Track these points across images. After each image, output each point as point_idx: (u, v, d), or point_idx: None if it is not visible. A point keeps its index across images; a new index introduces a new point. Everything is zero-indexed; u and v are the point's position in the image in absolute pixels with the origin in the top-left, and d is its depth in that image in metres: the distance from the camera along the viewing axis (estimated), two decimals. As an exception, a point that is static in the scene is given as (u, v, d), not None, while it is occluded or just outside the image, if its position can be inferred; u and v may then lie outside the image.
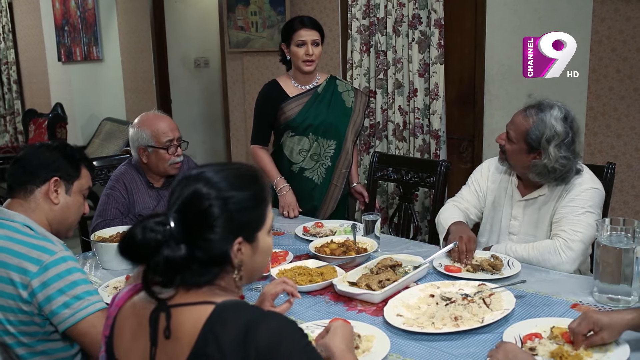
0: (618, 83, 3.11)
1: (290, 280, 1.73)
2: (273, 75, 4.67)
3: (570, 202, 2.20)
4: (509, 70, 3.47)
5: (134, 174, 2.68)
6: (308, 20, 2.89)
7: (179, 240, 1.13)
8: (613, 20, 3.07)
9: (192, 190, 1.17)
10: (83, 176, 1.86)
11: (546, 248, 2.15)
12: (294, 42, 2.86)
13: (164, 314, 1.15)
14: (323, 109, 2.95)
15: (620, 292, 1.81)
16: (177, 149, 2.63)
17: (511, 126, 2.25)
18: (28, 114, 7.09)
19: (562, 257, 2.11)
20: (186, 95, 6.30)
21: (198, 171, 1.21)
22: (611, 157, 3.13)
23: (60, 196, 1.80)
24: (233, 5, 4.78)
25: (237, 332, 1.09)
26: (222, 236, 1.16)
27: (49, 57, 7.27)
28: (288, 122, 2.93)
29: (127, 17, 6.10)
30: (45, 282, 1.61)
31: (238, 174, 1.23)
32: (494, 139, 3.58)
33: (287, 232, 2.68)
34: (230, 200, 1.18)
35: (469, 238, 2.18)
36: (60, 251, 1.67)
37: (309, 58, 2.86)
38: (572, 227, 2.14)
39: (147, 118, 2.66)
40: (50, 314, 1.62)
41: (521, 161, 2.25)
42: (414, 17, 3.66)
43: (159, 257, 1.12)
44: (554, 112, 2.16)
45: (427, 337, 1.66)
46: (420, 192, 3.68)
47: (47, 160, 1.79)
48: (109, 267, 2.27)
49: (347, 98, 3.01)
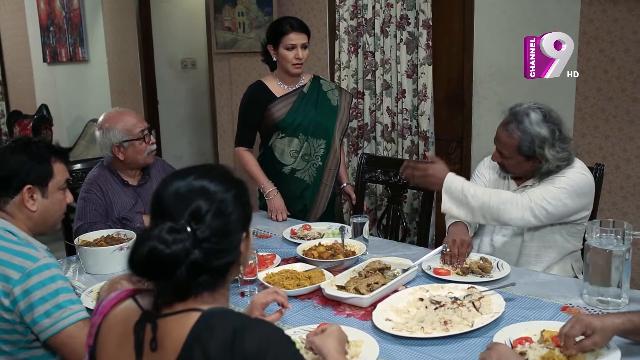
0: (606, 84, 3.11)
1: (281, 291, 1.70)
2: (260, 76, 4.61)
3: (555, 176, 2.19)
4: (498, 71, 3.47)
5: (107, 175, 2.66)
6: (297, 23, 2.85)
7: (195, 244, 1.10)
8: (601, 22, 3.07)
9: (199, 187, 1.14)
10: (57, 173, 1.75)
11: (509, 198, 2.14)
12: (283, 45, 2.82)
13: (149, 325, 1.11)
14: (311, 109, 2.94)
15: (610, 295, 1.80)
16: (150, 137, 2.65)
17: (499, 145, 2.25)
18: (13, 116, 7.01)
19: (521, 214, 2.11)
20: (173, 96, 6.25)
21: (188, 174, 1.18)
22: (599, 158, 3.13)
23: (37, 202, 1.72)
24: (220, 6, 4.75)
25: (224, 339, 1.06)
26: (236, 231, 1.17)
27: (34, 58, 7.20)
28: (277, 122, 2.90)
29: (113, 17, 6.04)
30: (27, 289, 1.56)
31: (226, 172, 1.23)
32: (482, 140, 3.61)
33: (275, 234, 2.65)
34: (237, 194, 1.18)
35: (461, 242, 2.17)
36: (43, 258, 1.62)
37: (299, 62, 2.84)
38: (544, 193, 2.14)
39: (112, 116, 2.65)
40: (32, 322, 1.58)
41: (524, 168, 2.25)
42: (402, 17, 3.65)
43: (183, 266, 1.08)
44: (532, 118, 2.16)
45: (416, 342, 1.63)
46: (409, 194, 3.67)
47: (14, 168, 1.68)
48: (93, 272, 2.23)
49: (332, 97, 3.00)
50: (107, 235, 2.37)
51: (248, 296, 1.97)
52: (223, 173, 1.21)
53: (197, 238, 1.10)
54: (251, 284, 2.00)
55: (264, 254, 2.29)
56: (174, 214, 1.12)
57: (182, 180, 1.16)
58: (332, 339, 1.36)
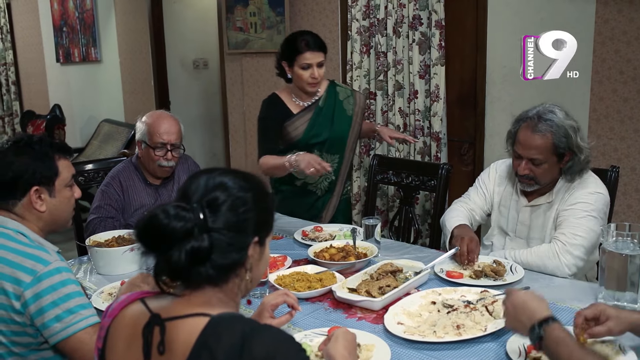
0: (621, 85, 3.07)
1: (291, 293, 1.69)
2: (272, 76, 4.62)
3: (573, 205, 2.17)
4: (511, 72, 3.43)
5: (131, 170, 2.67)
6: (313, 41, 2.72)
7: (203, 230, 1.10)
8: (616, 22, 3.03)
9: (219, 181, 1.16)
10: (62, 170, 1.73)
11: (545, 252, 2.12)
12: (298, 64, 2.72)
13: (158, 327, 1.11)
14: (327, 124, 2.86)
15: (626, 299, 1.77)
16: (167, 153, 2.58)
17: (532, 151, 2.16)
18: (26, 115, 7.04)
19: (561, 261, 2.08)
20: (185, 96, 6.26)
21: (215, 169, 1.20)
22: (614, 160, 3.09)
23: (45, 202, 1.70)
24: (232, 6, 4.74)
25: (232, 346, 1.05)
26: (247, 231, 1.16)
27: (47, 58, 7.24)
28: (294, 142, 2.83)
29: (126, 18, 6.06)
30: (39, 293, 1.56)
31: (253, 177, 1.24)
32: (495, 141, 3.57)
33: (286, 236, 2.64)
34: (260, 196, 1.19)
35: (470, 239, 2.16)
36: (55, 261, 1.61)
37: (315, 81, 2.76)
38: (572, 230, 2.11)
39: (153, 114, 2.65)
40: (42, 326, 1.57)
41: (553, 174, 2.22)
42: (414, 18, 3.62)
43: (183, 247, 1.09)
44: (558, 114, 2.15)
45: (428, 347, 1.61)
46: (421, 195, 3.64)
47: (20, 170, 1.66)
48: (104, 272, 2.23)
49: (348, 106, 2.92)
50: (119, 236, 2.37)
51: (259, 298, 1.96)
52: (249, 177, 1.22)
53: (207, 225, 1.11)
54: (262, 286, 1.99)
55: (275, 256, 2.28)
56: (191, 197, 1.14)
57: (207, 174, 1.19)
58: (337, 344, 1.34)
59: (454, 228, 2.31)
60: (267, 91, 4.64)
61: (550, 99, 2.34)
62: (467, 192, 2.54)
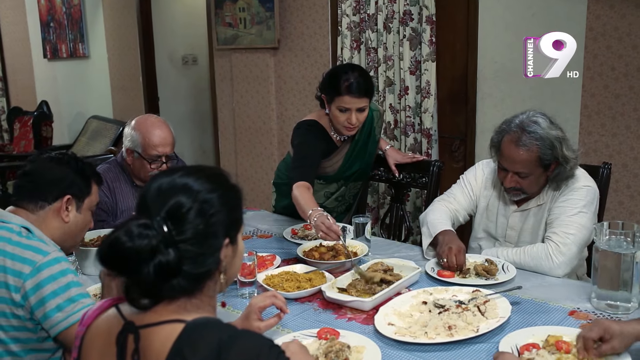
0: (613, 81, 3.05)
1: (280, 294, 1.65)
2: (262, 72, 4.61)
3: (563, 202, 2.14)
4: (502, 68, 3.41)
5: (118, 172, 2.61)
6: (357, 85, 2.44)
7: (169, 244, 1.05)
8: (608, 17, 3.01)
9: (181, 184, 1.10)
10: (93, 192, 1.84)
11: (538, 253, 2.09)
12: (335, 104, 2.49)
13: (132, 335, 1.06)
14: (361, 155, 2.74)
15: (619, 299, 1.75)
16: (162, 165, 2.52)
17: (515, 165, 2.12)
18: (13, 112, 6.97)
19: (555, 262, 2.05)
20: (174, 92, 6.20)
21: (175, 171, 1.13)
22: (606, 157, 3.07)
23: (71, 214, 1.77)
24: (221, 2, 4.69)
25: (208, 354, 1.00)
26: (217, 235, 1.11)
27: (34, 54, 7.16)
28: (327, 176, 2.73)
29: (114, 13, 5.99)
30: (39, 283, 1.57)
31: (218, 174, 1.17)
32: (486, 137, 3.53)
33: (275, 234, 2.60)
34: (223, 197, 1.12)
35: (458, 249, 2.08)
36: (53, 252, 1.63)
37: (351, 126, 2.53)
38: (564, 229, 2.09)
39: (145, 121, 2.54)
40: (43, 317, 1.57)
41: (540, 184, 2.19)
42: (405, 13, 3.59)
43: (151, 265, 1.03)
44: (542, 124, 2.10)
45: (420, 348, 1.58)
46: (412, 192, 3.62)
47: (59, 177, 1.75)
48: (88, 273, 2.19)
49: (377, 130, 2.79)
50: (104, 235, 2.32)
51: (247, 299, 1.92)
52: (213, 174, 1.16)
53: (173, 238, 1.05)
54: (250, 286, 1.96)
55: (263, 255, 2.24)
56: (152, 210, 1.08)
57: (167, 177, 1.12)
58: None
59: (438, 234, 2.22)
60: (257, 87, 4.63)
61: (542, 96, 2.32)
62: (451, 189, 2.47)
